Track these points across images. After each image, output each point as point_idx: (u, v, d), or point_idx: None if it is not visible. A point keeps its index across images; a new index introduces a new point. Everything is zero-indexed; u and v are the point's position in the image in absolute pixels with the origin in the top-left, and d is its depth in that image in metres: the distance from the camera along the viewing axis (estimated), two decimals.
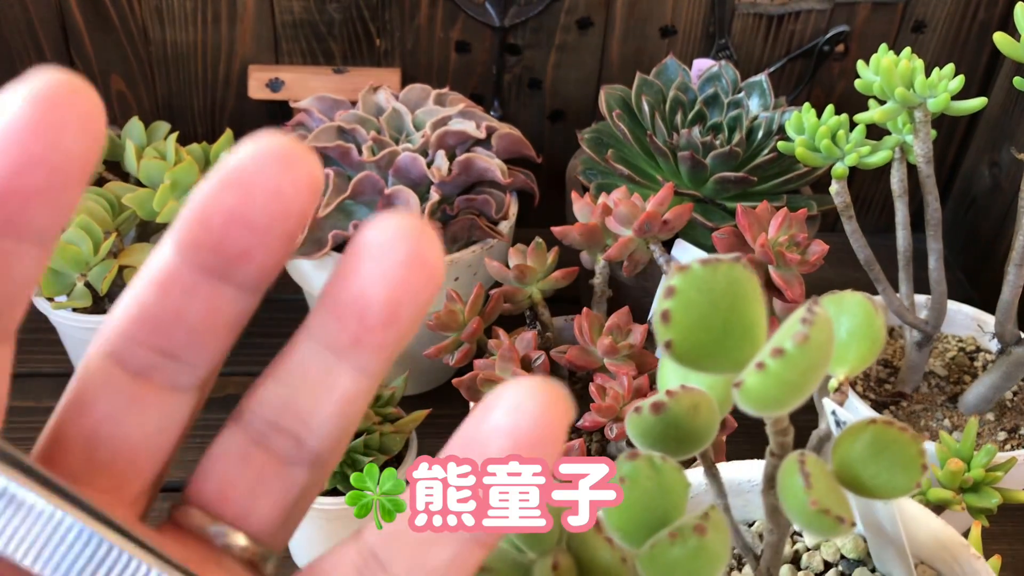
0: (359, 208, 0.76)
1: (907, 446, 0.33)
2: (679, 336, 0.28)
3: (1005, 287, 0.63)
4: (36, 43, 0.87)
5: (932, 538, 0.45)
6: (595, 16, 0.90)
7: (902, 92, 0.60)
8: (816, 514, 0.30)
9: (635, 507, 0.32)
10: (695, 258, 0.28)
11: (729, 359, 0.28)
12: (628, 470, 0.32)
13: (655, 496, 0.32)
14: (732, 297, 0.28)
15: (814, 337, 0.27)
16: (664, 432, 0.31)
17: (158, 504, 0.68)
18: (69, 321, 0.74)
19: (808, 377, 0.27)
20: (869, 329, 0.32)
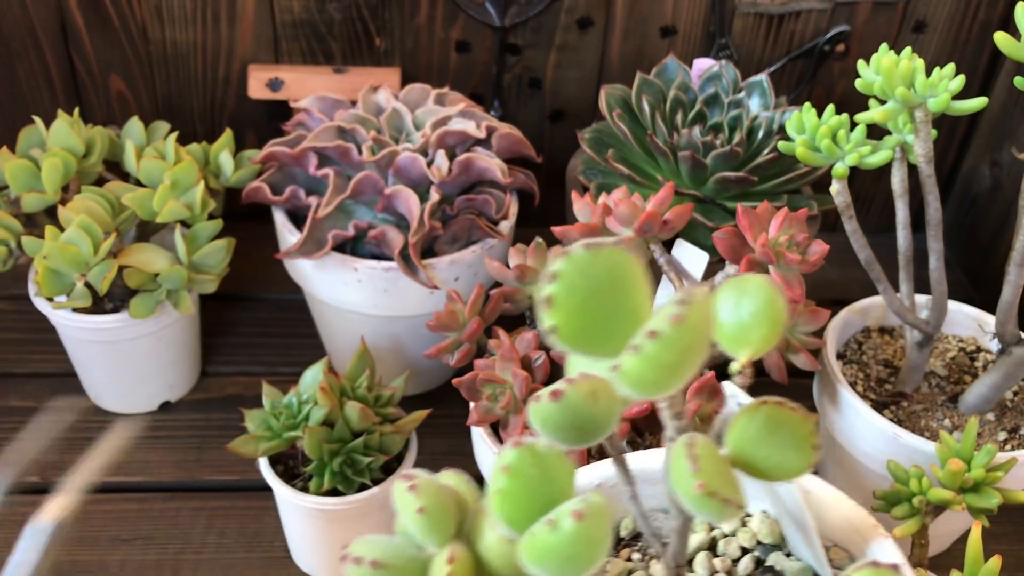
0: (359, 208, 0.76)
1: (798, 426, 0.33)
2: (563, 320, 0.28)
3: (1006, 287, 0.63)
4: (36, 43, 0.87)
5: (843, 520, 0.45)
6: (595, 16, 0.90)
7: (903, 92, 0.60)
8: (702, 497, 0.30)
9: (519, 496, 0.32)
10: (581, 244, 0.28)
11: (613, 343, 0.29)
12: (511, 459, 0.32)
13: (539, 484, 0.32)
14: (614, 281, 0.28)
15: (689, 318, 0.27)
16: (564, 420, 0.31)
17: (160, 504, 0.66)
18: (69, 321, 0.74)
19: (685, 358, 0.28)
20: (771, 310, 0.32)
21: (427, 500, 0.35)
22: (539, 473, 0.32)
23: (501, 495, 0.32)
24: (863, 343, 0.76)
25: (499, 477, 0.32)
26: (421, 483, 0.35)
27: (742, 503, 0.30)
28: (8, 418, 0.81)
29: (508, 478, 0.32)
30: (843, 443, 0.70)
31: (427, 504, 0.35)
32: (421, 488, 0.35)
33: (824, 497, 0.46)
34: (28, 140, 0.76)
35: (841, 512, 0.46)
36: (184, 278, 0.73)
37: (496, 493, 0.32)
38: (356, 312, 0.77)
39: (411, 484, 0.35)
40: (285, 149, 0.76)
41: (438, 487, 0.36)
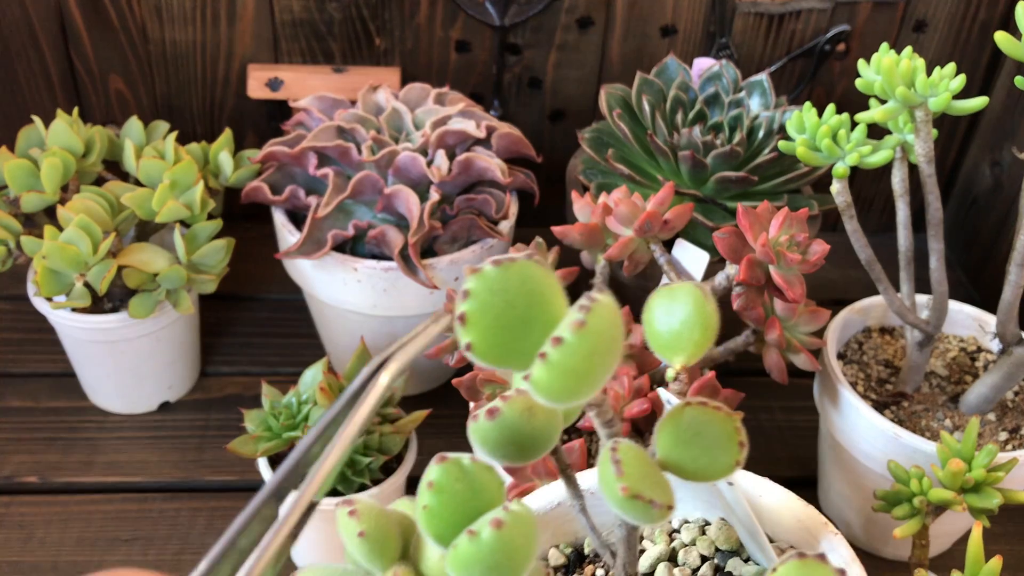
0: (359, 208, 0.76)
1: (723, 424, 0.33)
2: (478, 337, 0.28)
3: (1006, 287, 0.63)
4: (35, 43, 0.87)
5: (795, 521, 0.46)
6: (595, 15, 0.90)
7: (903, 91, 0.60)
8: (627, 500, 0.30)
9: (445, 511, 0.32)
10: (492, 260, 0.28)
11: (529, 356, 0.29)
12: (436, 475, 0.32)
13: (467, 498, 0.32)
14: (528, 295, 0.29)
15: (592, 324, 0.27)
16: (502, 437, 0.31)
17: (160, 505, 0.66)
18: (68, 321, 0.74)
19: (594, 363, 0.28)
20: (702, 316, 0.32)
21: (367, 524, 0.35)
22: (465, 488, 0.32)
23: (427, 511, 0.32)
24: (864, 343, 0.76)
25: (424, 493, 0.32)
26: (361, 508, 0.35)
27: (670, 503, 0.30)
28: (7, 418, 0.81)
29: (433, 494, 0.32)
30: (844, 443, 0.69)
31: (367, 528, 0.35)
32: (361, 513, 0.35)
33: (775, 500, 0.46)
34: (27, 140, 0.76)
35: (792, 513, 0.46)
36: (183, 278, 0.73)
37: (423, 509, 0.32)
38: (356, 312, 0.77)
39: (351, 509, 0.35)
40: (284, 149, 0.76)
41: (379, 511, 0.36)
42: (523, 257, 0.29)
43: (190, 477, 0.77)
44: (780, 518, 0.46)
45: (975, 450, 0.60)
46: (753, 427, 0.85)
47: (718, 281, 0.65)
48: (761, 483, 0.47)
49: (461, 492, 0.32)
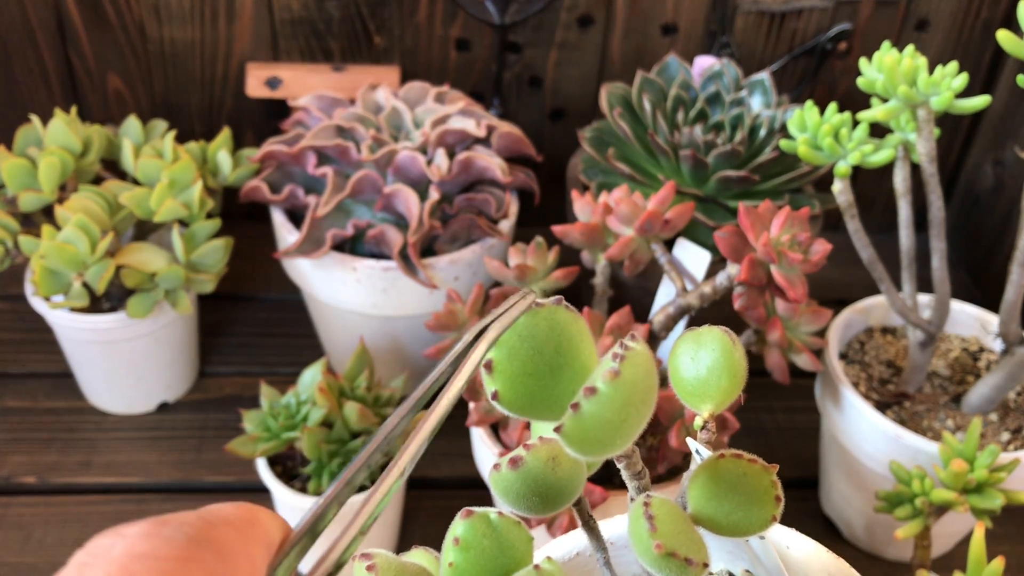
0: (358, 207, 0.76)
1: (759, 478, 0.32)
2: (505, 386, 0.28)
3: (1009, 286, 0.63)
4: (33, 41, 0.87)
5: (824, 573, 0.45)
6: (596, 14, 0.89)
7: (905, 90, 0.60)
8: (662, 558, 0.29)
9: (474, 569, 0.31)
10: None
11: (559, 404, 0.28)
12: (462, 531, 0.31)
13: (494, 555, 0.31)
14: (557, 341, 0.28)
15: (627, 373, 0.26)
16: (525, 488, 0.30)
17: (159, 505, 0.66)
18: (66, 321, 0.74)
19: (628, 414, 0.27)
20: (729, 363, 0.31)
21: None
22: (493, 544, 0.31)
23: (454, 570, 0.31)
24: (865, 343, 0.75)
25: (450, 551, 0.31)
26: (380, 562, 0.33)
27: (705, 560, 0.30)
28: (5, 419, 0.81)
29: (459, 551, 0.31)
30: (845, 444, 0.69)
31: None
32: (380, 568, 0.33)
33: (805, 552, 0.46)
34: (25, 139, 0.75)
35: (823, 566, 0.45)
36: (182, 278, 0.72)
37: (449, 567, 0.31)
38: (355, 312, 0.76)
39: (368, 564, 0.33)
40: (283, 148, 0.76)
41: (398, 565, 0.34)
42: (552, 303, 0.28)
43: (189, 477, 0.77)
44: (809, 570, 0.45)
45: (977, 451, 0.60)
46: (754, 427, 0.84)
47: (719, 281, 0.65)
48: (790, 535, 0.46)
49: (489, 549, 0.31)
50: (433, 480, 0.79)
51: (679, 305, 0.67)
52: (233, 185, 0.79)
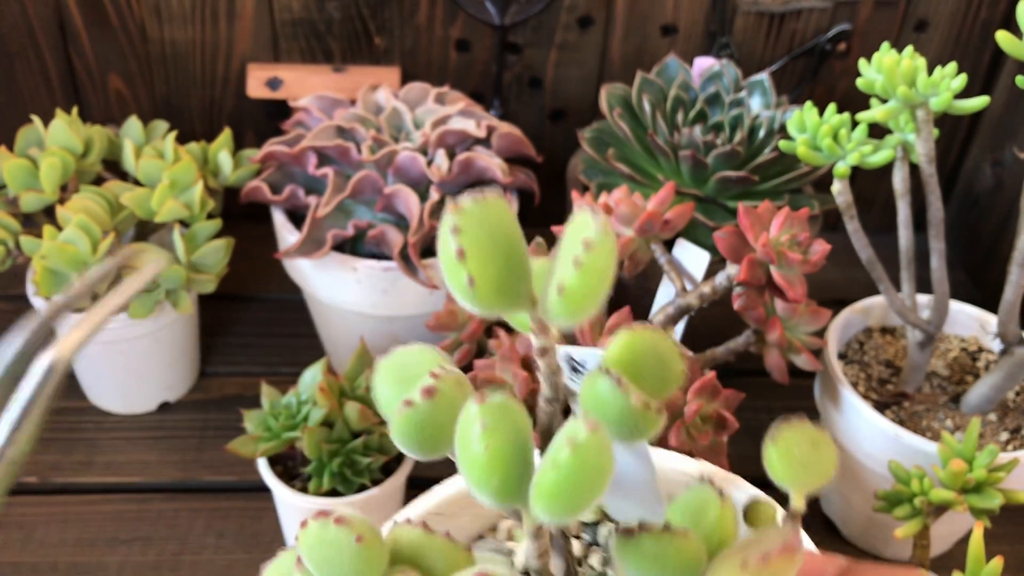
0: (358, 207, 0.76)
1: (665, 343, 0.32)
2: (479, 271, 0.27)
3: (1008, 287, 0.63)
4: (34, 42, 0.87)
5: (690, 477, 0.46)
6: (596, 14, 0.90)
7: (904, 91, 0.60)
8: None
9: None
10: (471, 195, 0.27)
11: (517, 294, 0.28)
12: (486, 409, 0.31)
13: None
14: (507, 231, 0.28)
15: (606, 225, 0.26)
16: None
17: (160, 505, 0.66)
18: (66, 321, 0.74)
19: (611, 263, 0.27)
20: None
21: (361, 529, 0.34)
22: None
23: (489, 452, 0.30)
24: (864, 343, 0.76)
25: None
26: (343, 513, 0.34)
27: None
28: None
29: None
30: (845, 444, 0.69)
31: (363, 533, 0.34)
32: (350, 518, 0.33)
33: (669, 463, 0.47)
34: (26, 139, 0.76)
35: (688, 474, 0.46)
36: (183, 278, 0.72)
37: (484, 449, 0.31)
38: (355, 312, 0.76)
39: (337, 516, 0.33)
40: (284, 148, 0.76)
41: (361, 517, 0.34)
42: (492, 192, 0.28)
43: (189, 477, 0.77)
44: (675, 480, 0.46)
45: (976, 450, 0.60)
46: (754, 427, 0.84)
47: (719, 281, 0.65)
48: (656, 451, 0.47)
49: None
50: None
51: (679, 305, 0.67)
52: (234, 185, 0.79)
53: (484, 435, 0.27)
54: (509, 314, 0.29)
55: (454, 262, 0.27)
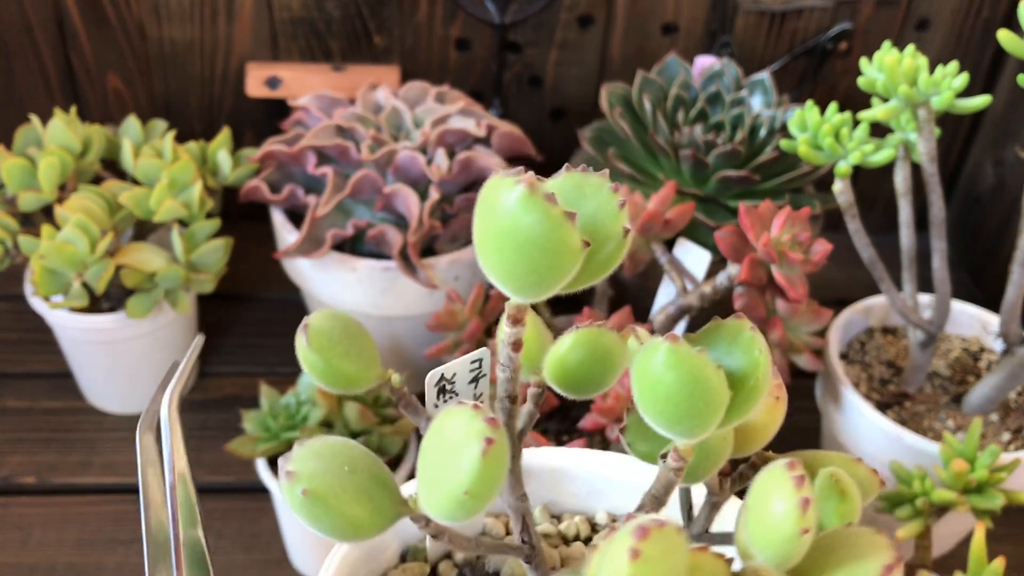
0: (358, 207, 0.76)
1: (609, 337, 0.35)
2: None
3: (1009, 286, 0.63)
4: (33, 41, 0.87)
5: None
6: (596, 13, 0.89)
7: (905, 90, 0.60)
8: None
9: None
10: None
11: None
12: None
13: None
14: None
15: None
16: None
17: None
18: (65, 321, 0.74)
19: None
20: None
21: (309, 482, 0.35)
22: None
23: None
24: (866, 343, 0.75)
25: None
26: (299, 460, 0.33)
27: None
28: (4, 419, 0.80)
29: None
30: (846, 443, 0.69)
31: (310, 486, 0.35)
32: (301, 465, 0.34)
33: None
34: (25, 139, 0.75)
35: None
36: (181, 278, 0.72)
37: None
38: (355, 312, 0.76)
39: (288, 470, 0.32)
40: (283, 147, 0.76)
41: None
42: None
43: None
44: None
45: (978, 451, 0.60)
46: None
47: (720, 281, 0.65)
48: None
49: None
50: None
51: (679, 305, 0.66)
52: (233, 185, 0.79)
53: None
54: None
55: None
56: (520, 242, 0.27)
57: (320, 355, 0.33)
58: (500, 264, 0.28)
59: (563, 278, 0.28)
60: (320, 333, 0.33)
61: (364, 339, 0.34)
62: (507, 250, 0.28)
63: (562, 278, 0.28)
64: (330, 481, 0.30)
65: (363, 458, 0.31)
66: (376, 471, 0.31)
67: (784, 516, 0.27)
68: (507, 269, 0.28)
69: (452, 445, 0.28)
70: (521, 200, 0.27)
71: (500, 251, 0.28)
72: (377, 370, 0.34)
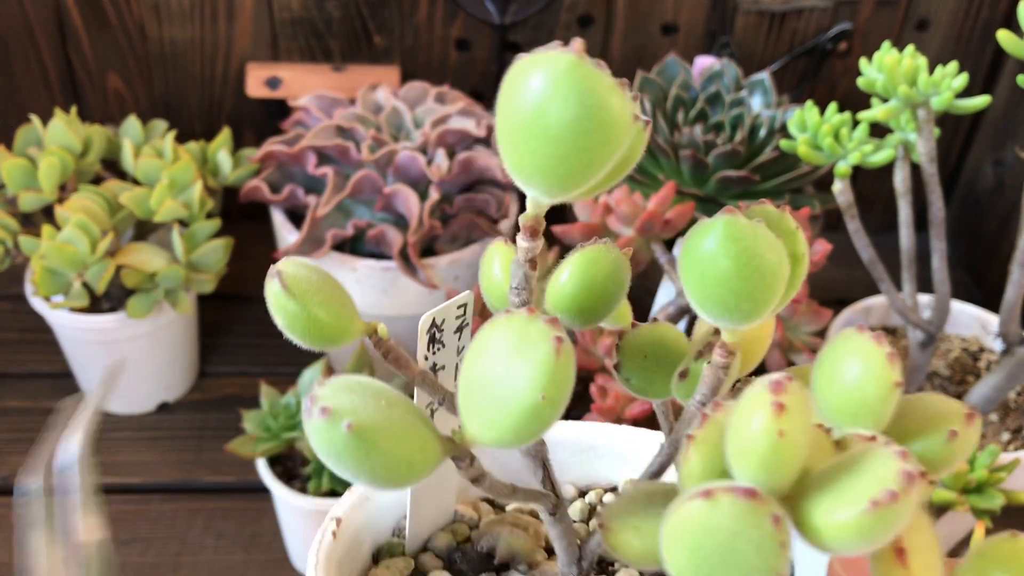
0: (358, 207, 0.76)
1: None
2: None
3: (1009, 286, 0.63)
4: (33, 41, 0.87)
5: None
6: (596, 13, 0.89)
7: (905, 90, 0.60)
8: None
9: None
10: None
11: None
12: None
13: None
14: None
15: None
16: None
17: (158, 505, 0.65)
18: (66, 321, 0.74)
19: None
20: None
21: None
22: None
23: None
24: None
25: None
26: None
27: None
28: (5, 419, 0.80)
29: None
30: None
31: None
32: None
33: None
34: (25, 139, 0.75)
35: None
36: (182, 278, 0.72)
37: None
38: None
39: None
40: (284, 148, 0.76)
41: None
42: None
43: (188, 478, 0.77)
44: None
45: (977, 451, 0.60)
46: None
47: None
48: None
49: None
50: None
51: (679, 305, 0.66)
52: (233, 185, 0.79)
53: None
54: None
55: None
56: (567, 120, 0.24)
57: (298, 302, 0.28)
58: (531, 148, 0.24)
59: (609, 160, 0.25)
60: (297, 279, 0.29)
61: (341, 290, 0.30)
62: (547, 131, 0.24)
63: (608, 161, 0.25)
64: (372, 415, 0.25)
65: (395, 393, 0.27)
66: (411, 406, 0.27)
67: (761, 426, 0.24)
68: (544, 153, 0.24)
69: (510, 353, 0.25)
70: (570, 69, 0.24)
71: (533, 133, 0.24)
72: (360, 322, 0.30)
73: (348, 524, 0.39)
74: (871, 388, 0.26)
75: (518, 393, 0.24)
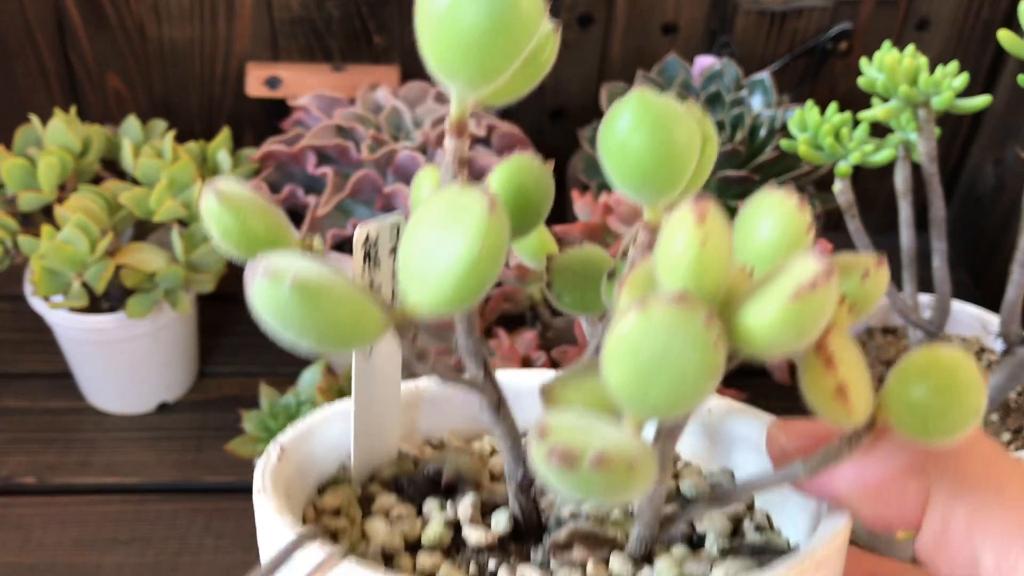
0: (358, 207, 0.76)
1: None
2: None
3: (1010, 286, 0.62)
4: (32, 41, 0.87)
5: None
6: (596, 13, 0.89)
7: (906, 90, 0.59)
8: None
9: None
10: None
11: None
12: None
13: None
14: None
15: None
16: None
17: (158, 506, 0.65)
18: (65, 321, 0.74)
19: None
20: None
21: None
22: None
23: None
24: (866, 343, 0.75)
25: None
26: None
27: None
28: (4, 419, 0.80)
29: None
30: None
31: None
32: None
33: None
34: (25, 138, 0.75)
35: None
36: (181, 277, 0.72)
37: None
38: None
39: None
40: (283, 147, 0.76)
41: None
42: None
43: (188, 478, 0.77)
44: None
45: None
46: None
47: None
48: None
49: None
50: None
51: None
52: None
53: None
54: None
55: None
56: (481, 13, 0.26)
57: (233, 214, 0.29)
58: (450, 42, 0.27)
59: (521, 50, 0.27)
60: (231, 192, 0.30)
61: (276, 209, 0.32)
62: (462, 23, 0.27)
63: (520, 50, 0.27)
64: (316, 276, 0.26)
65: (339, 271, 0.28)
66: (353, 282, 0.28)
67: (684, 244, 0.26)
68: (462, 45, 0.27)
69: (444, 220, 0.26)
70: None
71: (451, 28, 0.27)
72: (294, 236, 0.31)
73: (291, 454, 0.37)
74: (786, 233, 0.28)
75: (455, 253, 0.25)
